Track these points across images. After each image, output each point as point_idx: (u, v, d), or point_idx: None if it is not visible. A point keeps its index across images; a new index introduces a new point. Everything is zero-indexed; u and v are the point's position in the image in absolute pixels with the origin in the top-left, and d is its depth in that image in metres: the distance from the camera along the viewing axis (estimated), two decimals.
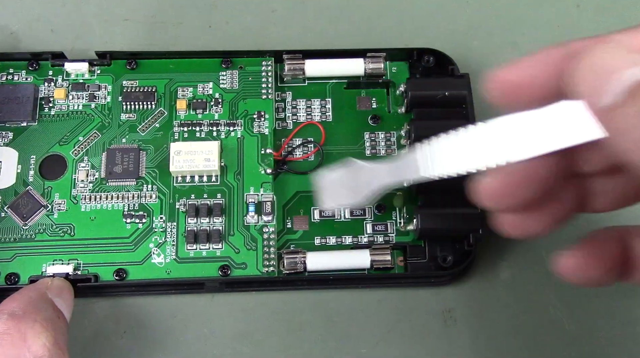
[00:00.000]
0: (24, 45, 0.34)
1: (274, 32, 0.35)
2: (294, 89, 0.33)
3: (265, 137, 0.31)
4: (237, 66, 0.33)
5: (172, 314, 0.29)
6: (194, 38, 0.35)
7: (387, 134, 0.32)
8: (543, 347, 0.29)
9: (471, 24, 0.35)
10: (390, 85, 0.33)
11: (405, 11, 0.36)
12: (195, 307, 0.30)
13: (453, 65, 0.32)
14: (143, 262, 0.29)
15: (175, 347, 0.29)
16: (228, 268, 0.29)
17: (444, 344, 0.29)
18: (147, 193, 0.30)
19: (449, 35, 0.35)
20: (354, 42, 0.34)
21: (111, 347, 0.29)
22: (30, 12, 0.35)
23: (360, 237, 0.30)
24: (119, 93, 0.32)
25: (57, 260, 0.29)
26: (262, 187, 0.30)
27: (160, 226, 0.30)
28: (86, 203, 0.30)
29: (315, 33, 0.35)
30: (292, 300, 0.30)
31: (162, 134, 0.31)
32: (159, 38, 0.34)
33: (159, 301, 0.29)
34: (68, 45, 0.34)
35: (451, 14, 0.36)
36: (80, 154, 0.31)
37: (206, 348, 0.29)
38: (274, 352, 0.29)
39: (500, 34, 0.35)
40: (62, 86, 0.32)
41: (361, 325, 0.29)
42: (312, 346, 0.29)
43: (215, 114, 0.32)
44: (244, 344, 0.29)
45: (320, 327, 0.29)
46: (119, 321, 0.29)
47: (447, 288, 0.30)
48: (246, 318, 0.29)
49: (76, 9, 0.35)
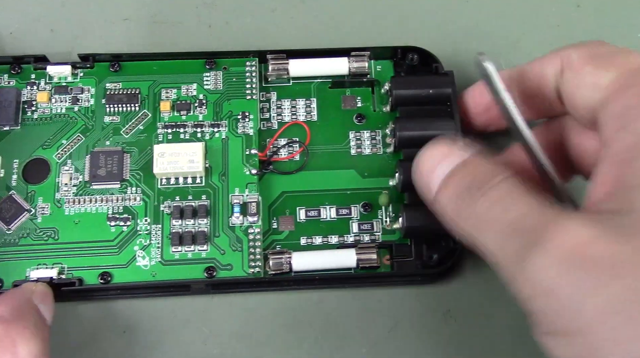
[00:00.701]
0: (24, 45, 0.34)
1: (274, 32, 0.35)
2: (278, 89, 0.33)
3: (250, 137, 0.31)
4: (221, 67, 0.32)
5: (159, 316, 0.29)
6: (194, 38, 0.35)
7: (373, 132, 0.32)
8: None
9: (469, 24, 0.35)
10: (375, 83, 0.33)
11: (402, 10, 0.36)
12: (183, 309, 0.29)
13: (437, 63, 0.32)
14: (128, 265, 0.29)
15: (161, 350, 0.29)
16: (214, 269, 0.29)
17: (431, 342, 0.29)
18: (132, 196, 0.30)
19: (438, 33, 0.35)
20: (344, 41, 0.34)
21: (96, 350, 0.29)
22: (30, 12, 0.35)
23: (346, 236, 0.30)
24: (102, 95, 0.32)
25: (41, 264, 0.29)
26: (247, 187, 0.30)
27: (145, 228, 0.30)
28: (70, 206, 0.30)
29: (315, 33, 0.35)
30: (278, 301, 0.30)
31: (146, 136, 0.31)
32: (159, 38, 0.34)
33: (144, 304, 0.29)
34: (68, 45, 0.34)
35: (444, 14, 0.36)
36: (63, 157, 0.31)
37: (206, 348, 0.29)
38: (264, 352, 0.29)
39: (500, 34, 0.35)
40: (45, 89, 0.32)
41: (350, 325, 0.29)
42: (297, 346, 0.29)
43: (200, 115, 0.32)
44: (235, 346, 0.29)
45: (306, 328, 0.29)
46: (104, 324, 0.29)
47: (435, 287, 0.30)
48: (234, 319, 0.29)
49: (76, 9, 0.35)
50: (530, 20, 0.36)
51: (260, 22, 0.35)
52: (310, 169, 0.31)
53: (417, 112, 0.31)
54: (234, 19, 0.35)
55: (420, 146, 0.30)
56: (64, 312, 0.29)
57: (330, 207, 0.31)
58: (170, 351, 0.29)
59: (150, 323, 0.29)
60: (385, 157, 0.32)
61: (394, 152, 0.31)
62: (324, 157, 0.32)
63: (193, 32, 0.35)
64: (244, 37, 0.35)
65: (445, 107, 0.31)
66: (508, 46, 0.35)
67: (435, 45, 0.33)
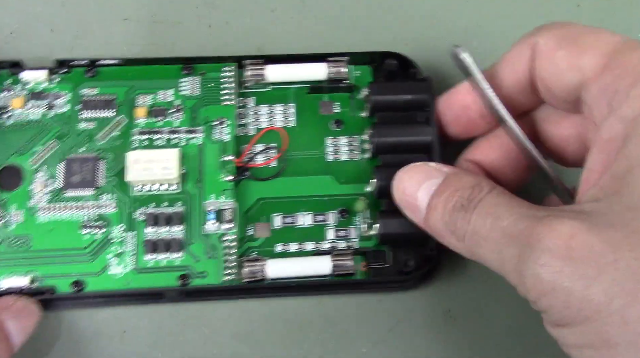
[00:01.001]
0: (24, 46, 0.34)
1: (273, 32, 0.35)
2: (256, 94, 0.33)
3: (226, 143, 0.31)
4: (198, 72, 0.32)
5: (132, 325, 0.29)
6: (194, 38, 0.34)
7: (351, 138, 0.32)
8: (543, 343, 0.29)
9: (452, 29, 0.35)
10: (353, 89, 0.33)
11: (382, 15, 0.35)
12: (157, 317, 0.29)
13: (415, 69, 0.32)
14: (101, 273, 0.29)
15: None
16: (188, 277, 0.29)
17: (428, 343, 0.29)
18: (106, 203, 0.30)
19: (419, 38, 0.35)
20: (329, 45, 0.34)
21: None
22: (30, 12, 0.34)
23: (322, 243, 0.30)
24: (77, 101, 0.31)
25: (13, 272, 0.28)
26: (223, 194, 0.30)
27: (119, 236, 0.29)
28: (43, 214, 0.29)
29: (315, 34, 0.35)
30: (253, 309, 0.29)
31: (122, 142, 0.31)
32: (158, 38, 0.34)
33: (117, 312, 0.29)
34: (68, 45, 0.34)
35: (426, 19, 0.35)
36: (37, 164, 0.30)
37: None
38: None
39: (499, 34, 0.35)
40: (19, 95, 0.31)
41: (324, 332, 0.29)
42: (271, 355, 0.29)
43: (176, 121, 0.31)
44: (210, 352, 0.29)
45: (280, 335, 0.29)
46: (75, 333, 0.29)
47: (412, 293, 0.30)
48: (208, 328, 0.29)
49: (76, 9, 0.35)
50: (531, 20, 0.35)
51: (260, 22, 0.35)
52: (287, 175, 0.31)
53: (395, 118, 0.31)
54: (234, 19, 0.35)
55: (397, 152, 0.30)
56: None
57: (307, 213, 0.30)
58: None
59: (124, 331, 0.29)
60: (363, 163, 0.31)
61: (371, 158, 0.31)
62: (301, 163, 0.31)
63: (193, 32, 0.35)
64: (244, 37, 0.35)
65: (424, 113, 0.31)
66: (508, 46, 0.34)
67: (415, 50, 0.33)
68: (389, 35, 0.35)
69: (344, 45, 0.34)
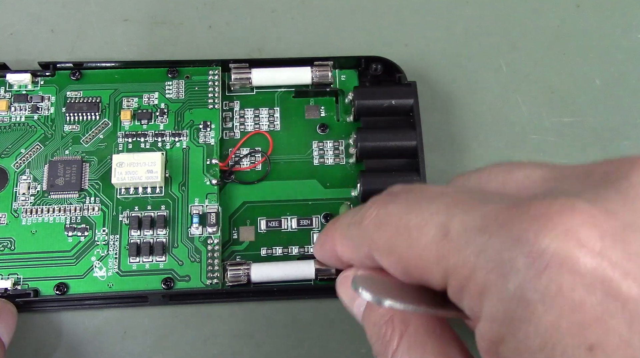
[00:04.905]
0: (24, 46, 0.34)
1: (273, 32, 0.35)
2: (242, 98, 0.33)
3: (211, 147, 0.31)
4: (183, 76, 0.32)
5: (116, 328, 0.29)
6: (194, 38, 0.35)
7: (336, 142, 0.32)
8: None
9: (469, 27, 0.35)
10: (339, 93, 0.33)
11: (369, 19, 0.36)
12: (138, 320, 0.29)
13: (400, 73, 0.32)
14: (85, 276, 0.29)
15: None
16: (171, 280, 0.29)
17: None
18: (90, 206, 0.30)
19: (409, 41, 0.35)
20: (323, 48, 0.34)
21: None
22: (30, 12, 0.34)
23: (307, 247, 0.30)
24: (62, 104, 0.31)
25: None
26: (207, 198, 0.30)
27: (102, 239, 0.29)
28: (27, 216, 0.29)
29: (315, 36, 0.35)
30: (237, 312, 0.29)
31: (106, 145, 0.31)
32: (159, 38, 0.34)
33: (101, 315, 0.29)
34: (68, 45, 0.34)
35: (415, 23, 0.36)
36: (22, 166, 0.30)
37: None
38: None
39: (499, 33, 0.35)
40: (4, 98, 0.31)
41: (307, 336, 0.29)
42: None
43: (161, 124, 0.31)
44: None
45: (263, 339, 0.29)
46: (57, 336, 0.29)
47: None
48: (191, 331, 0.29)
49: (76, 9, 0.35)
50: (530, 20, 0.36)
51: (260, 22, 0.35)
52: (272, 179, 0.31)
53: (380, 122, 0.31)
54: (234, 20, 0.35)
55: (382, 157, 0.30)
56: (19, 324, 0.28)
57: (292, 217, 0.30)
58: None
59: (106, 334, 0.29)
60: (348, 167, 0.32)
61: (356, 162, 0.31)
62: (287, 167, 0.31)
63: (193, 32, 0.35)
64: (244, 38, 0.35)
65: (408, 117, 0.31)
66: (508, 47, 0.35)
67: (401, 55, 0.33)
68: (389, 37, 0.35)
69: (344, 45, 0.34)
